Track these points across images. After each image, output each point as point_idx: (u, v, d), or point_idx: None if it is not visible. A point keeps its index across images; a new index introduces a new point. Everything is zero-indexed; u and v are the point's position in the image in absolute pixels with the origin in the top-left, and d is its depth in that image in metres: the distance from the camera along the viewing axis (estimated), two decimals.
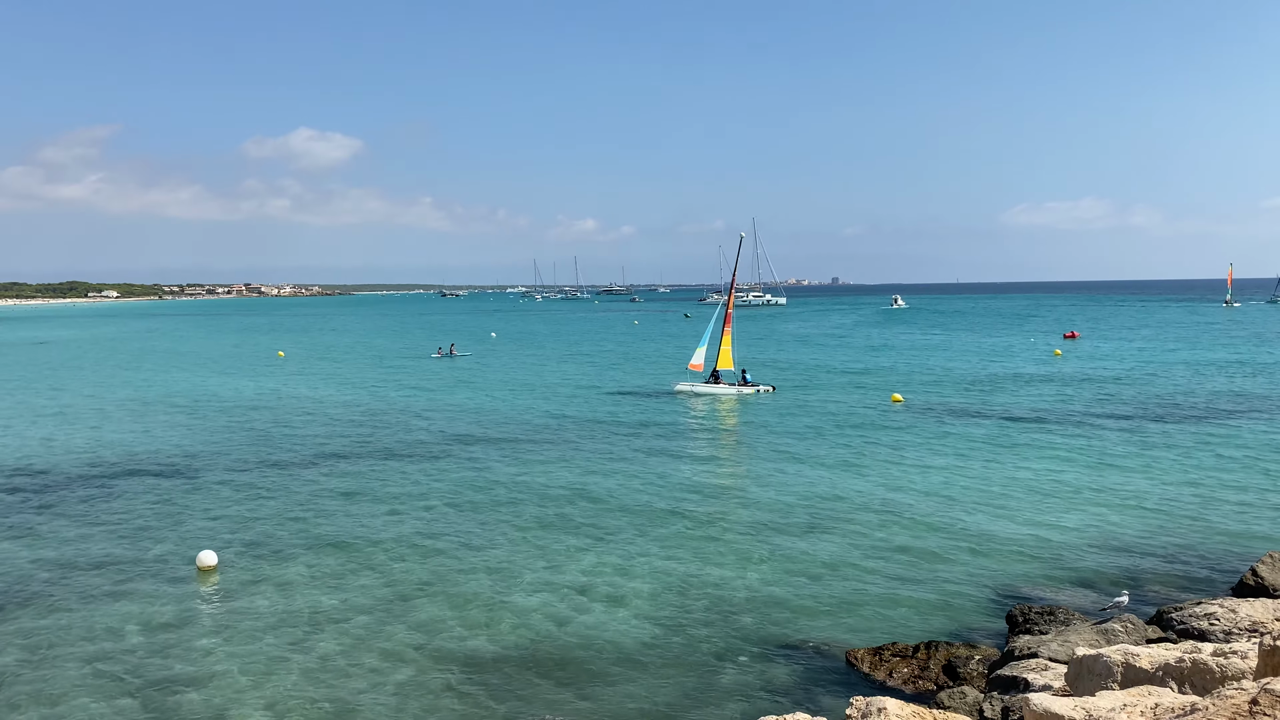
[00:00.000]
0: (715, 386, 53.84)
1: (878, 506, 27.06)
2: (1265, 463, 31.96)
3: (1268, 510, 25.96)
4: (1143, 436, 37.48)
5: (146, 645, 17.62)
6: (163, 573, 21.91)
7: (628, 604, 19.47)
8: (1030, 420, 42.13)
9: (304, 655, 17.04)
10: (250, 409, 49.91)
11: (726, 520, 25.86)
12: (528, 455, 35.70)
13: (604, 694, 15.41)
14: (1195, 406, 45.56)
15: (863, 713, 8.12)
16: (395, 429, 42.51)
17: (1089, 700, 9.10)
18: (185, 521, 26.45)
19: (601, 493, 29.35)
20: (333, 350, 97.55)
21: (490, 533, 24.92)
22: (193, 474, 32.93)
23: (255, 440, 39.85)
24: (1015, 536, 23.79)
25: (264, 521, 26.33)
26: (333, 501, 28.57)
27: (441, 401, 52.27)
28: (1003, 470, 31.67)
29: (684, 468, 33.30)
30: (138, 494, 29.91)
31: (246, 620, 18.81)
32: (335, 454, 36.43)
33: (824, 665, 16.38)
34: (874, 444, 36.93)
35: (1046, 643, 14.57)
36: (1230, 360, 68.83)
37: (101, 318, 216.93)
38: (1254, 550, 21.74)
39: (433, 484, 30.86)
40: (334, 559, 22.73)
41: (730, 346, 55.23)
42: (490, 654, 17.03)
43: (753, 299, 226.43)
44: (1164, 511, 25.94)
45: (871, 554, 22.55)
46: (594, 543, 23.86)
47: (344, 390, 58.65)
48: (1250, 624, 14.52)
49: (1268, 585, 17.34)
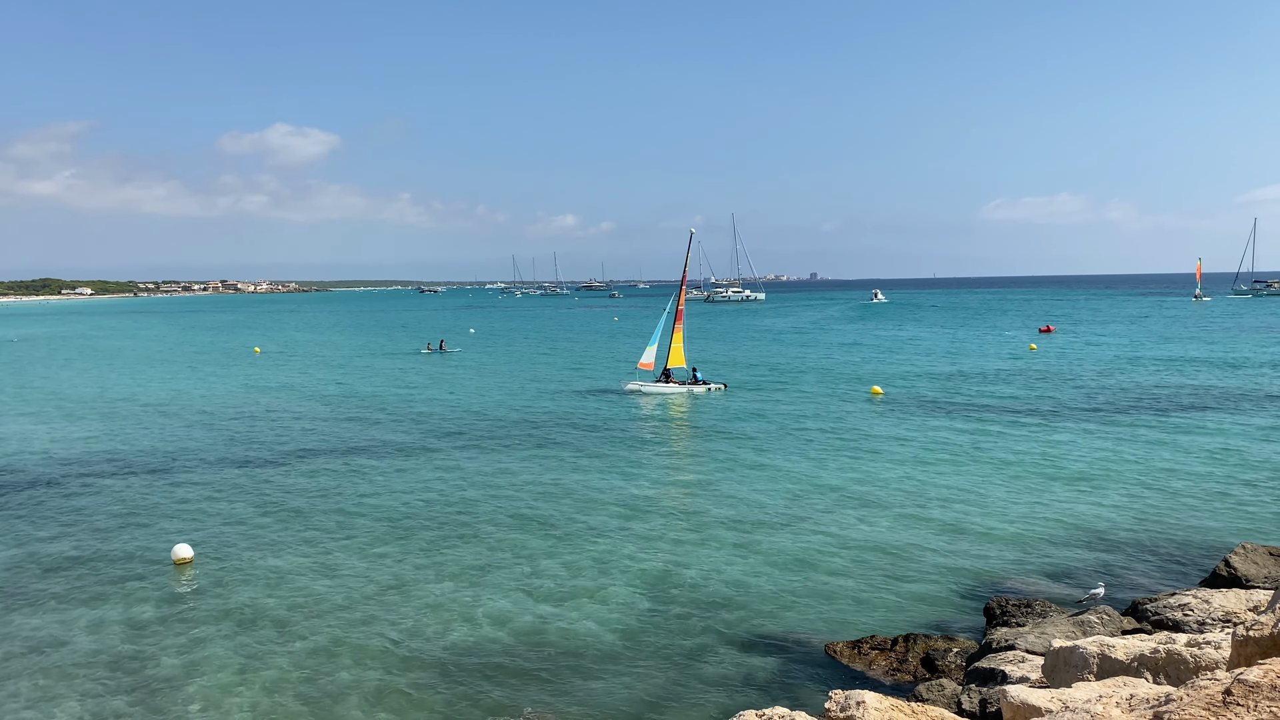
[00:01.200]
0: (666, 385, 52.82)
1: (855, 500, 27.16)
2: (1236, 454, 32.34)
3: (1240, 501, 26.27)
4: (1117, 430, 37.82)
5: (122, 639, 17.42)
6: (138, 567, 21.68)
7: (606, 600, 19.44)
8: (1006, 414, 42.42)
9: (281, 651, 16.90)
10: (227, 405, 49.47)
11: (704, 516, 25.87)
12: (503, 452, 35.60)
13: (584, 690, 15.38)
14: (1167, 400, 46.03)
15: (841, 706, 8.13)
16: (372, 425, 42.27)
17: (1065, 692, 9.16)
18: (161, 516, 26.18)
19: (579, 490, 29.30)
20: (309, 347, 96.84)
21: (468, 530, 24.82)
22: (169, 470, 32.61)
23: (231, 436, 39.51)
24: (992, 529, 23.95)
25: (240, 516, 26.10)
26: (309, 497, 28.37)
27: (419, 398, 52.02)
28: (980, 463, 31.87)
29: (661, 464, 33.31)
30: (113, 489, 29.59)
31: (223, 614, 18.63)
32: (311, 450, 36.17)
33: (803, 658, 16.42)
34: (852, 437, 37.06)
35: (1024, 635, 14.67)
36: (1200, 355, 69.60)
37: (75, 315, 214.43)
38: (1227, 541, 22.01)
39: (410, 480, 30.70)
40: (310, 554, 22.57)
41: (682, 344, 54.41)
42: (469, 650, 16.95)
43: (732, 295, 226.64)
44: (1139, 503, 26.20)
45: (850, 547, 22.63)
46: (571, 540, 23.82)
47: (321, 386, 58.24)
48: (1224, 614, 14.67)
49: (1240, 576, 17.52)
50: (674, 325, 53.80)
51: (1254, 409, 42.49)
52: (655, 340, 54.11)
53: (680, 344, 54.23)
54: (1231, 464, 30.97)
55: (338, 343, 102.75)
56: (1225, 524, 24.09)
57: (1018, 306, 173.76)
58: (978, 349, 79.46)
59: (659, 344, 53.93)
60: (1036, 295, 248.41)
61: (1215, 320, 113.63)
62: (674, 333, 53.85)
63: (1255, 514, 25.01)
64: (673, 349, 53.91)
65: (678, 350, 54.07)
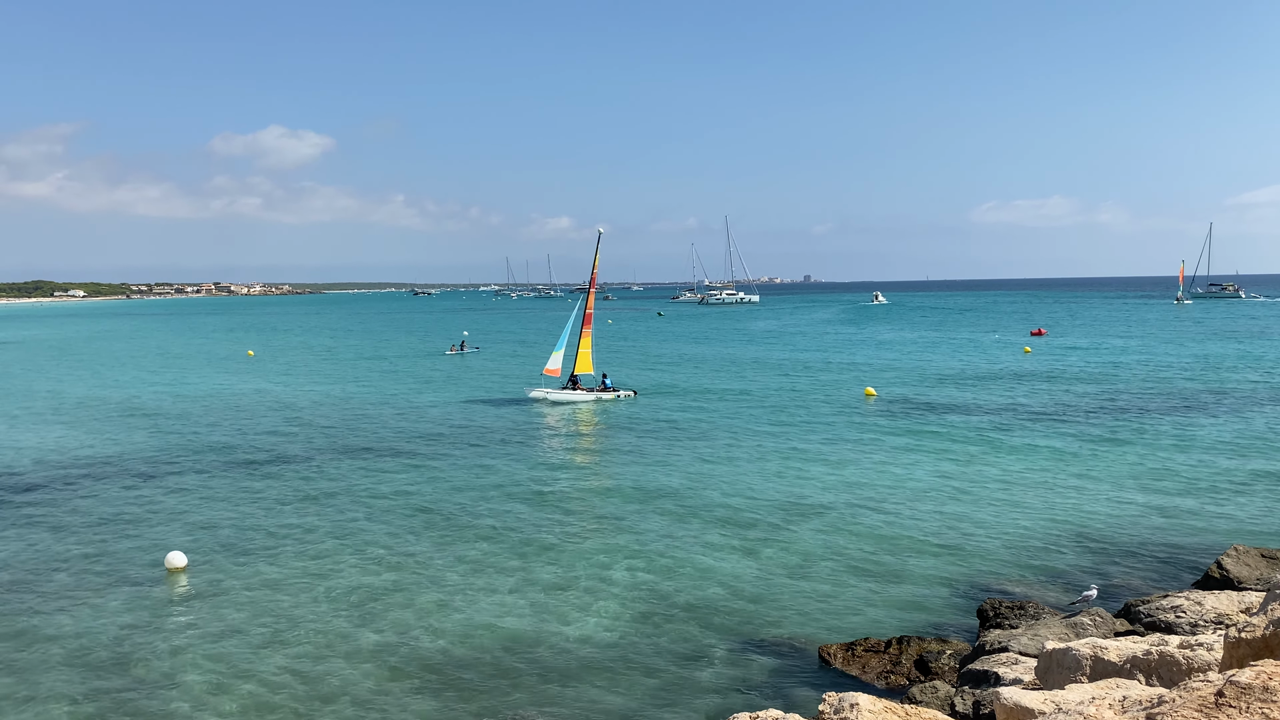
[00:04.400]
0: (573, 393, 50.42)
1: (848, 502, 27.17)
2: (1226, 456, 32.44)
3: (1231, 503, 26.35)
4: (1110, 432, 37.92)
5: (115, 646, 17.34)
6: (131, 574, 21.59)
7: (600, 603, 19.41)
8: (1000, 416, 42.50)
9: (273, 656, 16.84)
10: (219, 409, 49.33)
11: (697, 518, 25.86)
12: (498, 456, 35.55)
13: (577, 693, 15.35)
14: (1158, 402, 46.17)
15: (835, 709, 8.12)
16: (366, 430, 42.19)
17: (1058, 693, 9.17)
18: (154, 522, 26.09)
19: (571, 493, 29.28)
20: (302, 350, 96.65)
21: (461, 534, 24.78)
22: (161, 475, 32.50)
23: (225, 441, 39.39)
24: (986, 531, 23.99)
25: (234, 522, 26.01)
26: (303, 503, 28.29)
27: (413, 402, 51.93)
28: (973, 466, 31.92)
29: (652, 466, 33.26)
30: (106, 495, 29.47)
31: (216, 621, 18.57)
32: (305, 455, 36.09)
33: (797, 661, 16.42)
34: (845, 440, 37.09)
35: (1017, 636, 14.69)
36: (1187, 357, 69.87)
37: (68, 317, 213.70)
38: (1219, 543, 22.05)
39: (403, 485, 30.63)
40: (303, 560, 22.50)
41: (590, 349, 51.94)
42: (461, 655, 16.91)
43: (725, 297, 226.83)
44: (1131, 506, 26.26)
45: (843, 550, 22.63)
46: (564, 543, 23.78)
47: (314, 390, 58.12)
48: (1216, 616, 14.71)
49: (1232, 578, 17.56)
50: (582, 329, 51.49)
51: (1242, 411, 42.63)
52: (562, 345, 51.61)
53: (589, 349, 51.84)
54: (1223, 466, 31.05)
55: (332, 346, 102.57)
56: (1217, 526, 24.15)
57: (1010, 309, 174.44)
58: (971, 352, 79.62)
59: (565, 349, 51.41)
60: (1028, 298, 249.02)
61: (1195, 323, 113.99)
62: (582, 337, 51.50)
63: (1247, 516, 25.08)
64: (581, 354, 51.51)
65: (586, 356, 51.65)
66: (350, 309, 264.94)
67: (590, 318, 51.80)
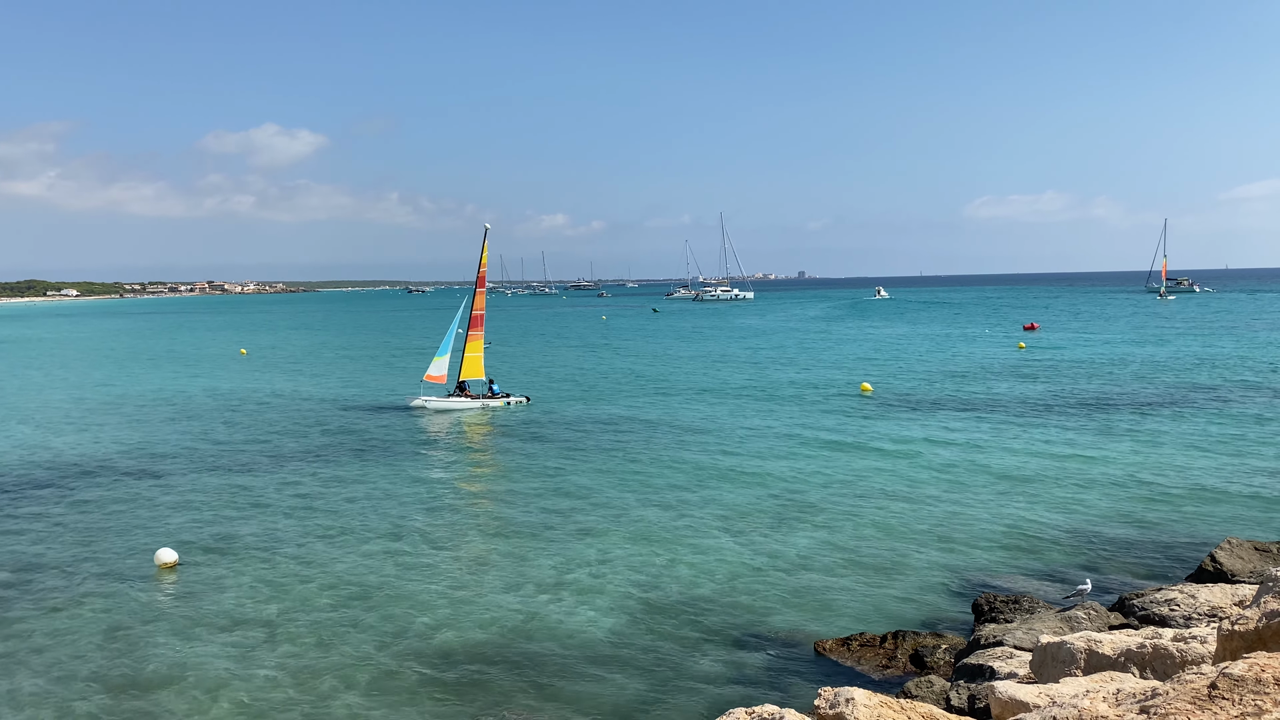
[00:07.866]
0: (459, 400, 47.06)
1: (844, 498, 27.21)
2: (1220, 450, 32.55)
3: (1225, 497, 26.44)
4: (1103, 426, 38.02)
5: (108, 643, 17.32)
6: (122, 570, 21.55)
7: (597, 599, 19.43)
8: (993, 411, 42.59)
9: (268, 653, 16.83)
10: (212, 406, 49.23)
11: (693, 514, 25.88)
12: (496, 453, 35.55)
13: (575, 688, 15.37)
14: (1150, 396, 46.30)
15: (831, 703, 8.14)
16: (360, 427, 42.15)
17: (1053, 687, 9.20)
18: (145, 519, 26.03)
19: (570, 489, 29.28)
20: (294, 347, 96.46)
21: (457, 531, 24.78)
22: (153, 472, 32.42)
23: (216, 438, 39.32)
24: (980, 526, 24.05)
25: (225, 519, 25.97)
26: (295, 498, 28.25)
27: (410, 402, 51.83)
28: (968, 460, 31.99)
29: (650, 463, 33.27)
30: (97, 492, 29.40)
31: (208, 618, 18.54)
32: (296, 452, 36.03)
33: (793, 655, 16.46)
34: (841, 435, 37.14)
35: (1011, 630, 14.74)
36: (1177, 351, 70.08)
37: (61, 317, 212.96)
38: (1212, 536, 22.14)
39: (399, 482, 30.62)
40: (297, 556, 22.48)
41: (481, 353, 48.64)
42: (458, 651, 16.92)
43: (720, 294, 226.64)
44: (1125, 500, 26.34)
45: (839, 545, 22.68)
46: (562, 539, 23.79)
47: (306, 387, 58.02)
48: (1209, 609, 14.76)
49: (1226, 571, 17.64)
50: (469, 332, 48.22)
51: (1235, 404, 42.76)
52: (446, 350, 47.70)
53: (479, 353, 48.50)
54: (1216, 459, 31.15)
55: (324, 343, 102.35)
56: (1211, 519, 24.24)
57: (1003, 304, 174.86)
58: (966, 347, 79.77)
59: (450, 354, 47.76)
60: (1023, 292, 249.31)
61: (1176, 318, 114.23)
62: (469, 341, 48.23)
63: (1241, 509, 25.17)
64: (469, 359, 48.20)
65: (475, 360, 48.35)
66: (344, 307, 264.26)
67: (479, 319, 48.45)
